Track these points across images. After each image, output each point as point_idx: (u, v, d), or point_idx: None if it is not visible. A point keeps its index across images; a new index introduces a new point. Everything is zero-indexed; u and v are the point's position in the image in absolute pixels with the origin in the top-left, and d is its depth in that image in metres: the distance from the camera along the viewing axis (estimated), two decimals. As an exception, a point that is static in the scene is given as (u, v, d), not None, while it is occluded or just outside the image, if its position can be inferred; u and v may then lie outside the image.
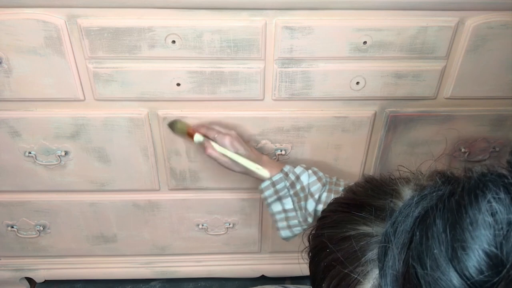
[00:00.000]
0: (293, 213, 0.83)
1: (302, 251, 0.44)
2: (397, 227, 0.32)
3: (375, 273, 0.34)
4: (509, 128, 0.90)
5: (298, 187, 0.81)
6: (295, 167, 0.83)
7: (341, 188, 0.82)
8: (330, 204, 0.42)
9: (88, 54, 0.76)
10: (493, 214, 0.27)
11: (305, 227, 0.83)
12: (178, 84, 0.80)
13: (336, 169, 0.96)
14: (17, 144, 0.88)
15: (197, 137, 0.82)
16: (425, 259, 0.29)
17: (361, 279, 0.35)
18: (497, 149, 0.93)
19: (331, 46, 0.76)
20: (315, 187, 0.81)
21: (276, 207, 0.83)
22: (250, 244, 1.13)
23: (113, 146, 0.89)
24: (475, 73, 0.81)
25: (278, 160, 0.93)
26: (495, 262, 0.27)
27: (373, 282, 0.34)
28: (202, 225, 1.06)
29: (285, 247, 1.14)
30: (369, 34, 0.75)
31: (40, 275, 1.18)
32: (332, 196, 0.81)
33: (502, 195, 0.28)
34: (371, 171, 0.97)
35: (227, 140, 0.80)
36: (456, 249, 0.28)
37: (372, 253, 0.35)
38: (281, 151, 0.91)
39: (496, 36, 0.76)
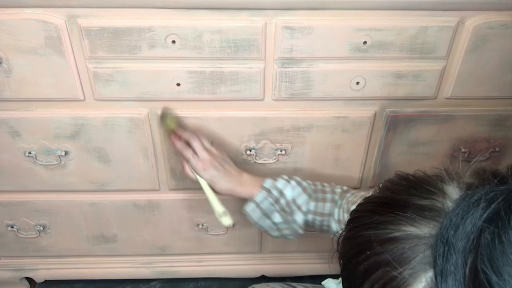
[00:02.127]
0: (284, 225, 0.82)
1: (332, 254, 0.41)
2: (457, 228, 0.30)
3: (424, 276, 0.32)
4: (509, 128, 0.90)
5: (283, 202, 0.80)
6: (276, 180, 0.81)
7: (328, 195, 0.81)
8: (362, 204, 0.40)
9: (88, 54, 0.76)
10: None
11: (298, 237, 0.82)
12: (178, 84, 0.80)
13: (336, 169, 0.96)
14: (17, 144, 0.88)
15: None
16: (500, 265, 0.27)
17: (411, 283, 0.33)
18: (497, 149, 0.93)
19: (331, 46, 0.76)
20: (301, 199, 0.79)
21: (266, 223, 0.82)
22: (250, 244, 1.13)
23: (113, 146, 0.89)
24: (475, 73, 0.81)
25: (278, 160, 0.93)
26: None
27: (426, 285, 0.32)
28: (202, 225, 1.06)
29: (286, 247, 1.14)
30: (369, 34, 0.75)
31: (40, 275, 1.18)
32: (321, 205, 0.80)
33: None
34: (371, 171, 0.97)
35: (200, 166, 0.79)
36: None
37: (423, 256, 0.33)
38: (281, 151, 0.91)
39: (496, 36, 0.76)
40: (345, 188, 0.85)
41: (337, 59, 0.78)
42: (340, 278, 0.40)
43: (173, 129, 0.83)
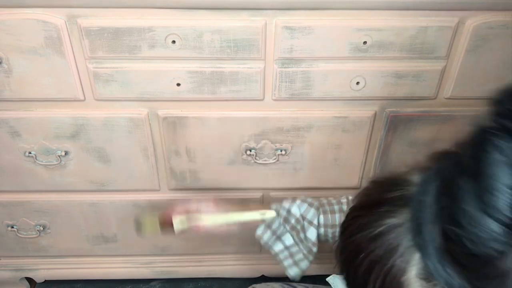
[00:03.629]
0: (296, 248, 0.80)
1: (334, 267, 0.43)
2: (421, 204, 0.33)
3: (416, 258, 0.35)
4: (509, 128, 0.90)
5: (292, 220, 0.79)
6: (281, 203, 0.80)
7: (335, 207, 0.80)
8: (348, 215, 0.42)
9: (88, 54, 0.76)
10: (504, 153, 0.28)
11: (311, 258, 0.81)
12: (178, 84, 0.80)
13: (336, 169, 0.96)
14: (17, 144, 0.88)
15: (178, 223, 0.70)
16: (460, 219, 0.30)
17: (405, 268, 0.35)
18: (497, 149, 0.93)
19: (331, 46, 0.76)
20: (310, 214, 0.79)
21: (278, 246, 0.80)
22: (250, 244, 1.13)
23: (113, 146, 0.89)
24: (475, 73, 0.81)
25: (278, 160, 0.93)
26: None
27: (418, 266, 0.34)
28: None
29: (285, 247, 1.14)
30: (369, 34, 0.75)
31: (40, 275, 1.18)
32: (330, 217, 0.80)
33: (505, 135, 0.29)
34: (371, 171, 0.97)
35: (212, 204, 0.75)
36: (484, 197, 0.28)
37: (407, 240, 0.35)
38: (281, 151, 0.91)
39: (496, 36, 0.76)
40: (350, 197, 0.85)
41: (337, 59, 0.78)
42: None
43: (160, 221, 0.75)
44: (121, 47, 0.75)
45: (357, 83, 0.81)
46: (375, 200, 0.39)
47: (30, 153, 0.89)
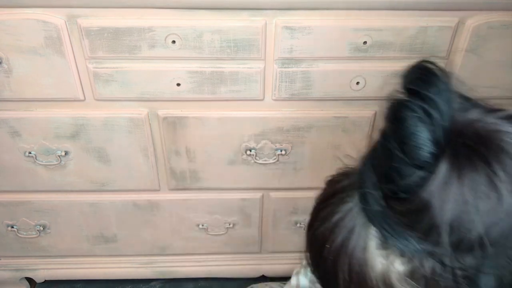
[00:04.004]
0: None
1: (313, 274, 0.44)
2: (362, 179, 0.36)
3: (372, 232, 0.36)
4: (509, 128, 0.90)
5: None
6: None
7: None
8: (311, 213, 0.44)
9: (88, 54, 0.76)
10: (416, 111, 0.32)
11: None
12: (178, 84, 0.80)
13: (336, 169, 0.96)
14: (17, 144, 0.88)
15: None
16: (393, 177, 0.33)
17: (365, 245, 0.36)
18: (497, 149, 0.93)
19: (331, 46, 0.76)
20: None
21: None
22: (250, 244, 1.13)
23: (113, 146, 0.89)
24: (475, 73, 0.81)
25: (278, 160, 0.93)
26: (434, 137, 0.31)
27: (375, 239, 0.36)
28: (202, 225, 1.06)
29: (286, 247, 1.14)
30: (369, 34, 0.75)
31: (40, 275, 1.18)
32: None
33: (413, 97, 0.33)
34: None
35: None
36: (407, 150, 0.32)
37: (361, 218, 0.36)
38: (281, 151, 0.91)
39: (496, 36, 0.76)
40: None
41: (337, 59, 0.78)
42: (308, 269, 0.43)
43: None
44: (121, 47, 0.75)
45: (357, 83, 0.81)
46: (330, 192, 0.41)
47: (30, 153, 0.89)
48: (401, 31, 0.75)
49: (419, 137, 0.31)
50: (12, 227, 1.05)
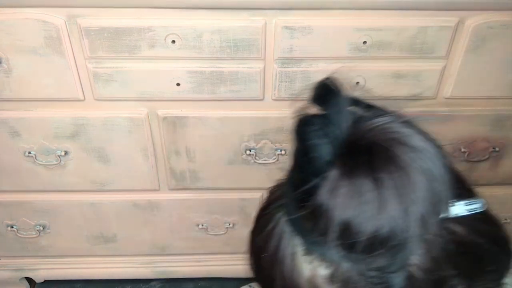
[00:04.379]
0: None
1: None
2: (285, 189, 0.38)
3: (297, 243, 0.37)
4: (509, 128, 0.90)
5: None
6: None
7: None
8: (252, 225, 0.46)
9: (88, 54, 0.76)
10: (314, 124, 0.35)
11: None
12: (178, 84, 0.80)
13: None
14: (17, 144, 0.88)
15: None
16: (298, 185, 0.35)
17: (293, 252, 0.37)
18: (497, 149, 0.93)
19: (331, 46, 0.76)
20: None
21: None
22: (250, 244, 1.13)
23: (113, 146, 0.89)
24: (475, 73, 0.81)
25: (278, 160, 0.93)
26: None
27: (301, 247, 0.37)
28: (202, 225, 1.06)
29: (285, 247, 1.14)
30: (369, 34, 0.75)
31: (40, 275, 1.18)
32: None
33: (316, 115, 0.36)
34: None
35: None
36: (307, 160, 0.34)
37: (288, 230, 0.38)
38: (281, 151, 0.91)
39: (496, 36, 0.76)
40: None
41: (337, 59, 0.78)
42: None
43: None
44: (121, 47, 0.75)
45: (357, 83, 0.81)
46: (268, 201, 0.43)
47: (30, 153, 0.89)
48: (401, 31, 0.75)
49: (316, 148, 0.34)
50: (12, 227, 1.05)
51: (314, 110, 0.37)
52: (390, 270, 0.33)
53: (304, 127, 0.36)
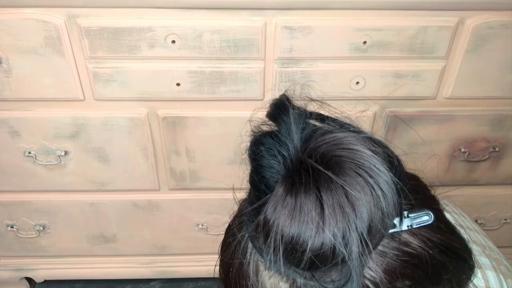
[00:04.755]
0: None
1: None
2: (246, 204, 0.39)
3: (257, 259, 0.38)
4: (509, 128, 0.90)
5: None
6: None
7: None
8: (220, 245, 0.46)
9: (88, 54, 0.76)
10: (264, 144, 0.37)
11: None
12: (178, 84, 0.80)
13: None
14: (17, 144, 0.88)
15: None
16: (252, 200, 0.37)
17: (257, 267, 0.38)
18: (497, 149, 0.93)
19: (331, 46, 0.76)
20: None
21: None
22: (250, 244, 1.13)
23: (113, 146, 0.89)
24: (475, 73, 0.81)
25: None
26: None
27: (264, 265, 0.37)
28: (202, 225, 1.06)
29: (285, 247, 1.14)
30: (369, 34, 0.75)
31: (40, 275, 1.18)
32: None
33: (267, 135, 0.38)
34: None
35: None
36: (258, 177, 0.36)
37: (251, 246, 0.39)
38: (281, 151, 0.91)
39: (496, 36, 0.76)
40: None
41: (337, 59, 0.78)
42: None
43: None
44: (121, 47, 0.75)
45: (357, 83, 0.81)
46: (233, 219, 0.45)
47: (30, 153, 0.89)
48: (401, 31, 0.75)
49: (266, 168, 0.35)
50: (12, 227, 1.05)
51: (268, 127, 0.39)
52: (343, 283, 0.33)
53: (255, 147, 0.37)
